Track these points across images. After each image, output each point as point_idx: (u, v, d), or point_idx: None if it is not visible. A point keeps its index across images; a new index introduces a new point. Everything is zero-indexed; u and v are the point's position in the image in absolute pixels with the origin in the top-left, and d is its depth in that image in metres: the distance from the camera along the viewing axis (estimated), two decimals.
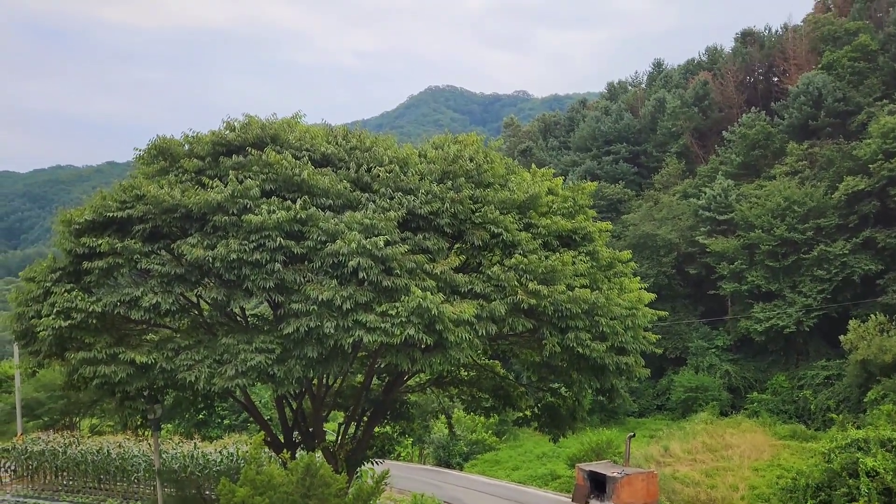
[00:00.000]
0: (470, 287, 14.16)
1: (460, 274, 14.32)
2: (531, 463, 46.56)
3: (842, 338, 47.78)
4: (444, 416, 26.47)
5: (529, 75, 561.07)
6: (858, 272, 51.33)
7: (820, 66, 66.59)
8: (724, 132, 71.01)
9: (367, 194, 14.52)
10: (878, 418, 40.62)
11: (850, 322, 47.87)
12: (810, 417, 49.31)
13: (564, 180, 18.69)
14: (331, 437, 20.06)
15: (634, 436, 39.13)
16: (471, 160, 15.65)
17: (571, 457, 42.12)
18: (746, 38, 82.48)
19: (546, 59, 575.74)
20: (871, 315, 47.33)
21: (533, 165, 19.61)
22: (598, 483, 30.57)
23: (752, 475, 39.67)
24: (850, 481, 27.45)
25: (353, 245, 12.82)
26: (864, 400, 44.96)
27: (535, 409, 20.19)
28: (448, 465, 44.94)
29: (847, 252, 52.10)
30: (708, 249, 59.64)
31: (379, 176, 14.68)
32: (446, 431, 37.05)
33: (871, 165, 51.63)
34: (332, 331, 12.57)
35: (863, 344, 45.47)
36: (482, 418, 42.30)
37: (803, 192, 56.06)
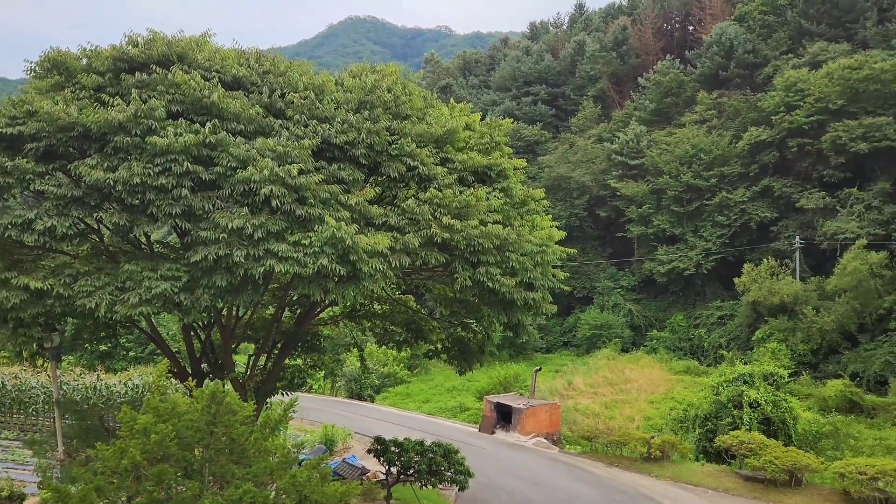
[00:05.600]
0: (385, 219, 14.04)
1: (375, 206, 14.17)
2: (441, 396, 47.79)
3: (736, 280, 50.72)
4: (356, 349, 26.61)
5: (453, 11, 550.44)
6: (755, 219, 54.24)
7: (733, 17, 68.43)
8: (639, 78, 72.44)
9: (280, 121, 14.01)
10: (764, 355, 43.83)
11: (745, 266, 50.81)
12: (703, 354, 52.47)
13: (483, 119, 18.58)
14: (241, 368, 19.87)
15: (540, 370, 40.74)
16: (389, 91, 15.31)
17: (480, 390, 43.51)
18: None
19: None
20: (764, 259, 50.36)
21: (451, 100, 19.44)
22: (505, 414, 31.81)
23: (647, 407, 42.11)
24: (735, 412, 29.64)
25: (266, 172, 12.41)
26: (753, 338, 48.20)
27: (446, 343, 20.59)
28: (360, 398, 45.56)
29: (746, 199, 54.86)
30: (619, 193, 61.53)
31: (293, 102, 14.16)
32: (358, 365, 37.40)
33: (773, 117, 54.05)
34: (242, 259, 12.24)
35: (755, 286, 48.44)
36: (394, 352, 42.93)
37: (710, 140, 58.28)
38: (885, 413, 36.90)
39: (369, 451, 20.87)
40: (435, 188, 14.60)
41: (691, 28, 79.14)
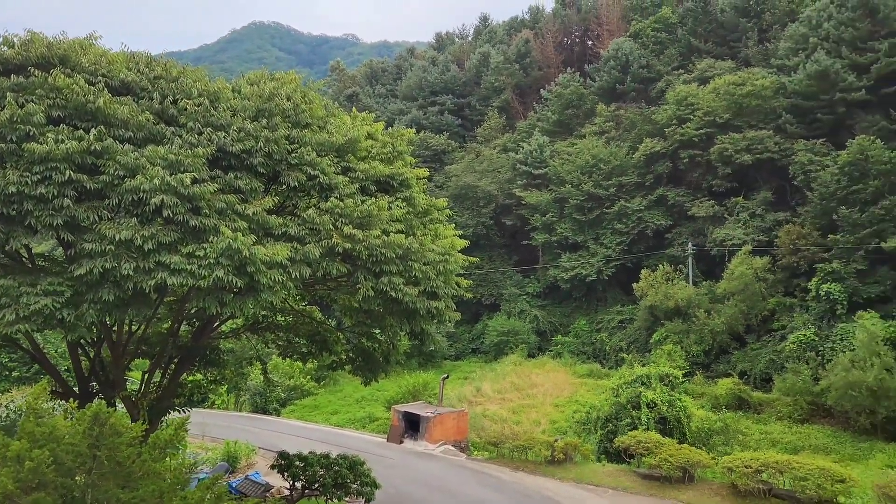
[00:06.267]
0: (284, 229, 13.78)
1: (274, 216, 13.88)
2: (350, 407, 47.26)
3: (634, 286, 52.73)
4: (259, 362, 25.93)
5: (360, 19, 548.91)
6: (652, 226, 56.61)
7: (629, 33, 71.38)
8: (542, 90, 74.40)
9: (172, 128, 13.50)
10: (661, 357, 45.68)
11: (642, 272, 52.91)
12: (605, 357, 54.15)
13: (389, 128, 18.59)
14: (135, 386, 18.99)
15: (448, 378, 40.96)
16: (288, 99, 15.07)
17: (389, 399, 43.28)
18: (566, 0, 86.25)
19: (377, 3, 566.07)
20: (660, 265, 52.61)
21: (354, 109, 19.35)
22: (413, 423, 31.78)
23: (553, 411, 43.04)
24: (634, 412, 30.74)
25: (156, 181, 11.93)
26: (651, 341, 50.18)
27: (350, 354, 20.39)
28: (265, 412, 44.43)
29: (643, 208, 57.19)
30: (523, 202, 62.83)
31: (186, 109, 13.68)
32: (263, 378, 36.51)
33: (666, 130, 56.67)
34: (132, 272, 11.70)
35: (651, 291, 50.51)
36: (300, 364, 42.16)
37: (609, 151, 60.45)
38: (769, 408, 39.23)
39: (273, 467, 20.38)
40: (336, 198, 14.47)
41: (590, 43, 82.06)
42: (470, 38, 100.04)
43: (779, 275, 47.01)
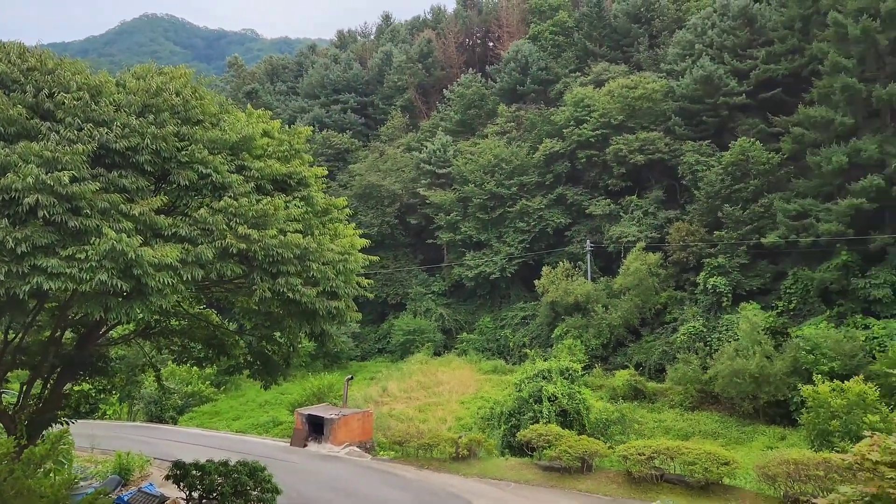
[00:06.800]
0: (174, 230, 13.22)
1: (163, 216, 13.30)
2: (253, 411, 46.08)
3: (536, 282, 53.99)
4: (153, 369, 24.79)
5: (259, 15, 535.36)
6: (552, 224, 58.12)
7: (528, 36, 73.00)
8: (445, 90, 74.96)
9: (48, 123, 12.68)
10: (562, 351, 47.00)
11: (544, 269, 54.23)
12: (509, 353, 55.15)
13: (284, 125, 18.17)
14: (12, 398, 17.75)
15: (353, 378, 40.65)
16: (177, 94, 14.45)
17: (293, 403, 42.48)
18: (467, 1, 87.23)
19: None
20: (560, 262, 54.09)
21: (249, 106, 18.81)
22: (317, 426, 31.31)
23: (459, 408, 43.44)
24: (536, 406, 31.48)
25: (30, 180, 11.18)
26: (552, 336, 51.54)
27: (248, 357, 19.83)
28: (161, 421, 42.64)
29: (544, 207, 58.63)
30: (428, 201, 63.11)
31: (64, 104, 12.89)
32: (157, 386, 34.97)
33: (564, 130, 58.31)
34: (3, 277, 10.95)
35: (552, 288, 51.85)
36: (197, 369, 40.76)
37: (510, 151, 61.60)
38: (663, 397, 41.13)
39: (168, 478, 19.59)
40: (230, 197, 14.03)
41: (491, 44, 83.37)
42: (372, 37, 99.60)
43: (670, 270, 49.35)
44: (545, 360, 38.32)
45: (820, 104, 43.35)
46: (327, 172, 18.26)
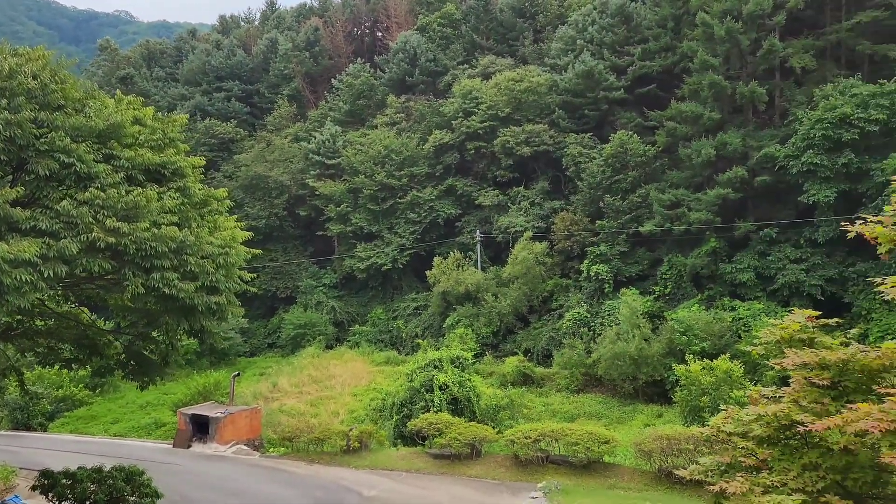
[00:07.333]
0: (33, 223, 12.33)
1: (20, 208, 12.37)
2: (133, 414, 43.99)
3: (428, 273, 54.35)
4: (15, 373, 23.04)
5: None
6: (443, 215, 58.62)
7: (416, 27, 73.06)
8: (333, 80, 73.84)
9: None
10: (453, 340, 47.61)
11: (435, 259, 54.66)
12: (402, 344, 55.28)
13: (163, 113, 17.30)
14: None
15: (240, 375, 39.53)
16: (34, 77, 13.46)
17: (177, 403, 40.78)
18: None
19: None
20: (451, 252, 54.69)
21: (118, 92, 17.75)
22: (202, 425, 30.24)
23: (352, 400, 43.19)
24: (427, 395, 31.71)
25: None
26: (444, 325, 52.10)
27: (123, 357, 18.81)
28: (28, 428, 39.87)
29: (434, 198, 59.01)
30: (317, 192, 62.09)
31: None
32: (21, 391, 32.63)
33: (453, 122, 58.85)
34: None
35: (444, 278, 52.38)
36: (67, 372, 38.43)
37: (400, 142, 61.56)
38: (550, 382, 42.55)
39: (35, 488, 18.32)
40: (97, 188, 13.24)
41: (380, 34, 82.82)
42: (257, 23, 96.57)
43: (556, 258, 50.97)
44: (437, 350, 38.67)
45: (690, 100, 45.99)
46: (205, 162, 17.56)
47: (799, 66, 43.04)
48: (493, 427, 27.99)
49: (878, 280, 7.91)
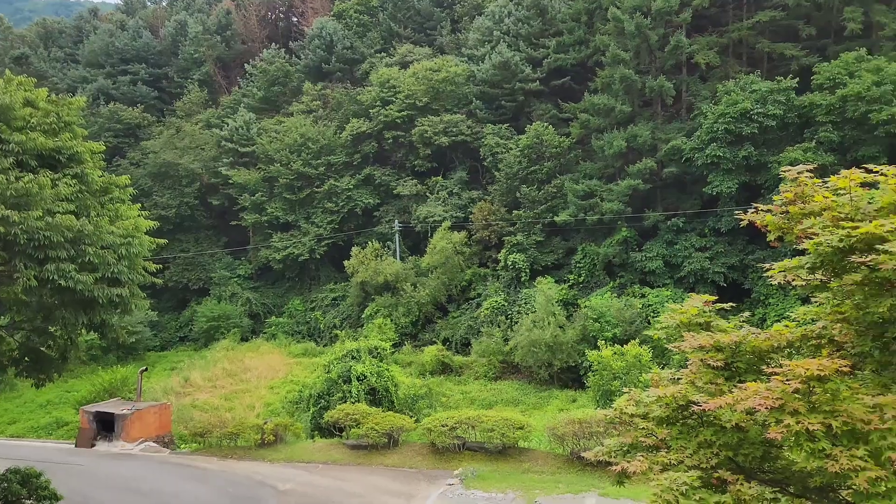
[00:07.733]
0: None
1: None
2: (33, 413, 41.78)
3: (346, 263, 53.82)
4: None
5: None
6: (361, 205, 58.10)
7: (332, 13, 71.89)
8: (246, 65, 71.83)
9: None
10: (372, 331, 47.44)
11: (353, 249, 54.17)
12: (320, 335, 54.65)
13: (63, 95, 16.34)
14: None
15: (147, 370, 38.14)
16: None
17: (80, 400, 38.97)
18: None
19: None
20: (370, 242, 54.33)
21: (7, 72, 16.65)
22: (107, 423, 29.03)
23: (268, 393, 42.41)
24: (345, 386, 31.47)
25: None
26: (363, 316, 51.76)
27: (15, 354, 17.75)
28: None
29: (352, 187, 58.40)
30: (231, 181, 60.37)
31: None
32: None
33: (371, 111, 58.34)
34: None
35: (362, 268, 51.98)
36: None
37: (317, 130, 60.55)
38: (469, 370, 43.02)
39: None
40: None
41: (295, 20, 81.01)
42: (164, 4, 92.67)
43: (474, 248, 51.42)
44: (355, 341, 38.42)
45: (603, 93, 47.19)
46: (106, 148, 16.74)
47: (704, 63, 44.88)
48: (412, 416, 28.06)
49: (767, 266, 8.33)
